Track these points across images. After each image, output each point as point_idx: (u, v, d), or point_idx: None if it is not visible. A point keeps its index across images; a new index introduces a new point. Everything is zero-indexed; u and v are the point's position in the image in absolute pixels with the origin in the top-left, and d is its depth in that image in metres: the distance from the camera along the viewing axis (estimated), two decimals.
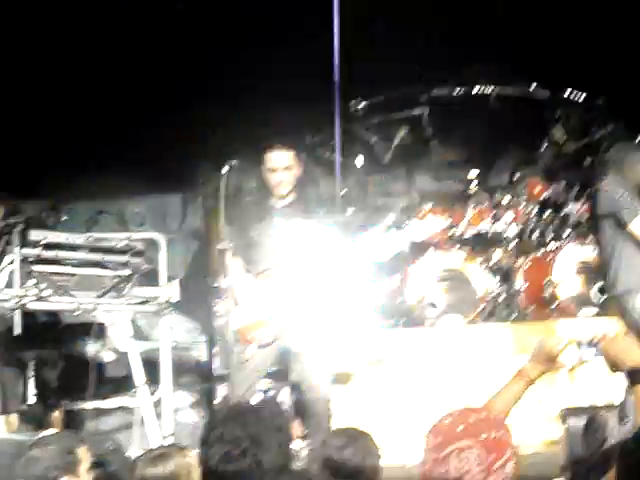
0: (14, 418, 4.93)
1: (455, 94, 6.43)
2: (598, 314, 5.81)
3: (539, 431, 4.48)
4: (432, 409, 4.84)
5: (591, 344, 2.67)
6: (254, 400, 4.82)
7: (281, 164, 4.69)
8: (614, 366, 2.61)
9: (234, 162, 4.62)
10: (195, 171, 7.10)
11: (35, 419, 5.04)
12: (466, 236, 6.30)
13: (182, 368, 6.01)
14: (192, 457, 2.71)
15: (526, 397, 2.77)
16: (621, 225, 4.73)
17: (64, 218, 5.18)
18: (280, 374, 5.53)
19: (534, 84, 6.46)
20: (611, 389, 4.81)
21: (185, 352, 6.36)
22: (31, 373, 5.15)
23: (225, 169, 4.59)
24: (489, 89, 6.43)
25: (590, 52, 6.39)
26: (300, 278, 4.63)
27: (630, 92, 6.41)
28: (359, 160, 6.49)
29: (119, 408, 5.35)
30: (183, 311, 6.37)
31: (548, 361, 2.68)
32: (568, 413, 3.25)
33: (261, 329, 4.62)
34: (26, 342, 4.89)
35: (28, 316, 4.55)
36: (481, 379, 5.06)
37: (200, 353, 6.60)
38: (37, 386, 5.17)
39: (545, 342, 2.71)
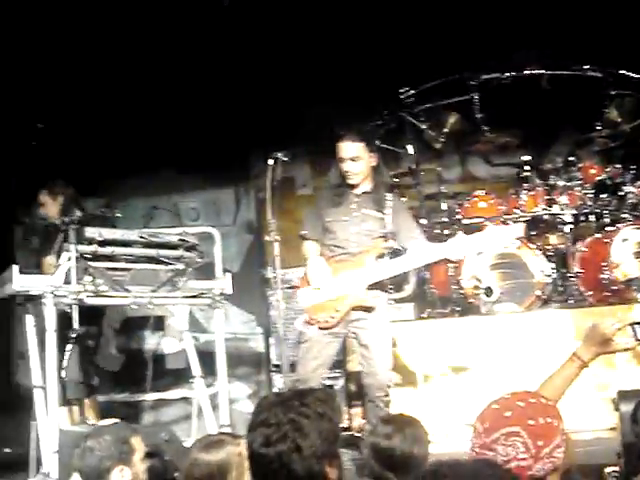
0: (76, 410, 5.07)
1: (505, 78, 6.33)
2: None
3: (596, 417, 4.41)
4: (487, 396, 4.85)
5: None
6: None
7: (348, 154, 4.76)
8: None
9: (280, 154, 4.65)
10: (247, 165, 7.19)
11: (97, 411, 5.17)
12: (521, 221, 6.22)
13: (239, 359, 6.10)
14: (244, 445, 2.76)
15: (583, 381, 2.74)
16: None
17: (119, 215, 5.30)
18: (339, 363, 5.57)
19: (587, 65, 6.31)
20: None
21: (242, 343, 6.45)
22: (92, 366, 5.28)
23: (271, 161, 4.62)
24: (540, 71, 6.31)
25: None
26: (368, 266, 4.68)
27: None
28: (410, 148, 6.45)
29: (178, 399, 5.45)
30: (239, 303, 6.47)
31: (602, 343, 2.66)
32: (621, 397, 3.19)
33: (326, 312, 4.66)
34: (87, 336, 5.02)
35: (89, 310, 4.67)
36: (539, 366, 5.02)
37: (257, 344, 6.69)
38: (99, 378, 5.31)
39: (599, 324, 2.68)
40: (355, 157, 4.75)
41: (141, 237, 4.79)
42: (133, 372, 5.38)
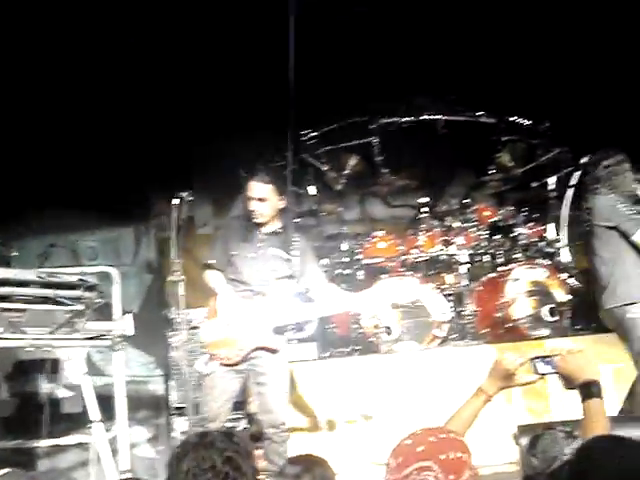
0: None
1: (403, 122, 6.54)
2: (550, 335, 5.90)
3: (498, 451, 4.53)
4: (392, 433, 4.91)
5: (547, 361, 2.74)
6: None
7: (256, 194, 4.74)
8: (568, 382, 2.69)
9: (185, 194, 4.62)
10: (147, 204, 7.09)
11: None
12: (418, 261, 6.38)
13: (138, 402, 5.94)
14: None
15: (486, 417, 2.84)
16: (623, 237, 4.96)
17: (14, 253, 5.10)
18: (240, 404, 5.51)
19: (481, 112, 6.59)
20: (564, 405, 4.97)
21: (141, 386, 6.29)
22: None
23: (176, 201, 4.58)
24: (437, 117, 6.55)
25: (534, 80, 6.57)
26: (275, 307, 4.65)
27: (573, 118, 6.61)
28: (311, 189, 6.53)
29: (75, 445, 5.26)
30: (138, 345, 6.32)
31: (505, 377, 2.77)
32: (521, 432, 3.29)
33: (229, 348, 4.60)
34: None
35: None
36: (440, 402, 5.12)
37: (156, 387, 6.54)
38: None
39: (502, 359, 2.79)
40: (263, 198, 4.74)
41: (38, 277, 4.63)
42: (26, 417, 5.15)
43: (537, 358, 2.78)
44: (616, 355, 5.47)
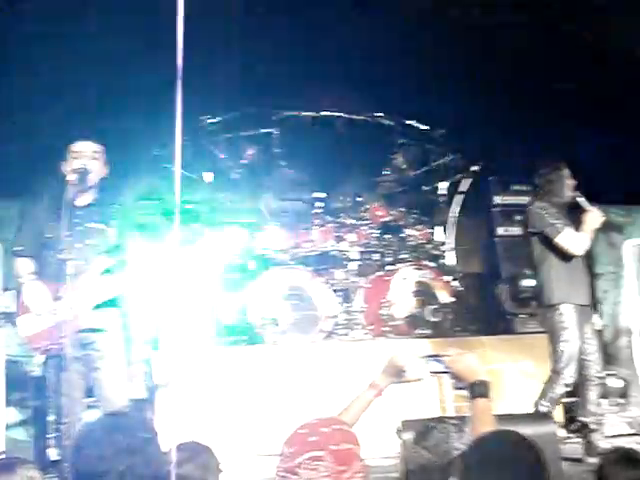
0: None
1: (304, 116, 6.58)
2: (431, 335, 6.09)
3: (382, 444, 4.63)
4: (277, 424, 4.94)
5: (437, 359, 2.85)
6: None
7: (87, 151, 4.41)
8: (458, 381, 2.80)
9: None
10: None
11: None
12: (310, 255, 6.45)
13: (14, 383, 5.74)
14: (35, 472, 2.62)
15: (374, 411, 2.92)
16: (548, 241, 5.23)
17: None
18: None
19: (380, 113, 6.72)
20: (453, 402, 5.14)
21: (18, 366, 6.07)
22: None
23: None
24: (337, 114, 6.63)
25: (433, 87, 6.74)
26: (93, 285, 4.35)
27: (467, 127, 6.84)
28: (208, 176, 6.48)
29: None
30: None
31: (397, 374, 2.87)
32: (405, 426, 3.39)
33: (51, 338, 4.17)
34: None
35: None
36: (321, 395, 5.19)
37: (32, 367, 6.33)
38: None
39: (395, 356, 2.89)
40: (96, 156, 4.42)
41: None
42: None
43: (429, 357, 2.89)
44: (491, 357, 5.75)
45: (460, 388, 2.79)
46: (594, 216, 5.28)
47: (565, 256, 5.26)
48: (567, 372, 5.13)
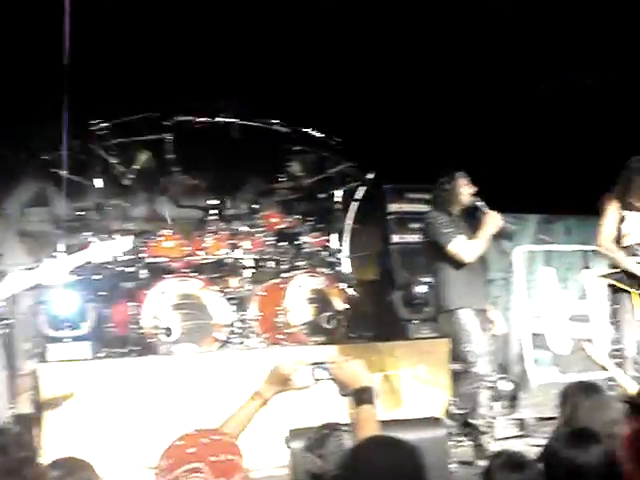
0: None
1: (198, 122, 6.48)
2: (326, 342, 6.08)
3: (269, 454, 4.58)
4: (165, 436, 4.80)
5: (322, 367, 2.82)
6: None
7: None
8: (342, 388, 2.78)
9: None
10: None
11: None
12: (203, 263, 6.34)
13: None
14: None
15: (260, 420, 2.86)
16: (441, 249, 5.41)
17: None
18: None
19: (275, 120, 6.69)
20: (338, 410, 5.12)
21: None
22: None
23: None
24: (232, 120, 6.56)
25: (329, 95, 6.78)
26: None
27: (362, 135, 6.90)
28: (98, 182, 6.29)
29: None
30: None
31: (282, 382, 2.83)
32: (292, 435, 3.35)
33: None
34: None
35: None
36: (219, 405, 5.09)
37: None
38: None
39: (280, 364, 2.85)
40: None
41: None
42: None
43: (314, 364, 2.86)
44: (386, 363, 5.79)
45: (345, 395, 2.77)
46: (493, 219, 5.44)
47: (459, 263, 5.38)
48: (479, 367, 5.26)
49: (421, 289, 6.61)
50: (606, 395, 3.62)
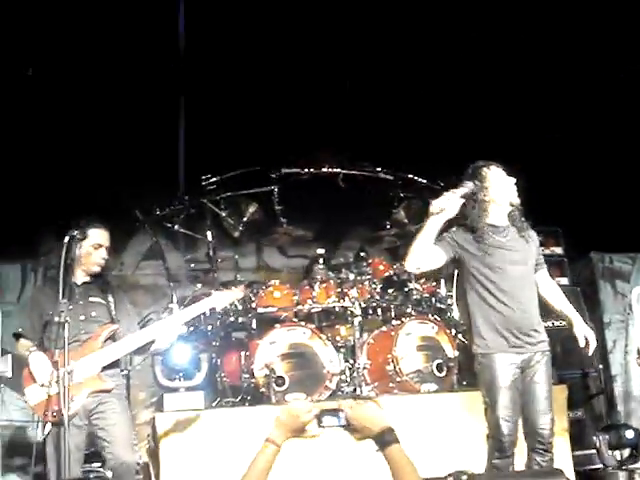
0: None
1: (304, 173, 6.60)
2: (438, 390, 5.97)
3: None
4: None
5: (334, 414, 2.75)
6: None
7: (104, 241, 4.75)
8: (361, 432, 2.69)
9: (76, 232, 4.47)
10: (36, 241, 6.87)
11: None
12: (312, 312, 6.38)
13: (14, 449, 5.65)
14: None
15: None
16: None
17: None
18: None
19: (380, 168, 6.73)
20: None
21: (18, 432, 5.99)
22: None
23: (66, 239, 4.42)
24: (336, 170, 6.64)
25: (432, 139, 6.79)
26: (97, 351, 4.54)
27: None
28: (209, 235, 6.47)
29: None
30: (18, 388, 6.04)
31: (293, 428, 2.75)
32: None
33: (53, 406, 4.29)
34: None
35: None
36: (326, 454, 5.07)
37: (34, 433, 6.24)
38: None
39: (291, 409, 2.78)
40: (107, 245, 4.79)
41: None
42: None
43: (326, 411, 2.79)
44: None
45: (364, 439, 2.67)
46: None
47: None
48: None
49: None
50: None
